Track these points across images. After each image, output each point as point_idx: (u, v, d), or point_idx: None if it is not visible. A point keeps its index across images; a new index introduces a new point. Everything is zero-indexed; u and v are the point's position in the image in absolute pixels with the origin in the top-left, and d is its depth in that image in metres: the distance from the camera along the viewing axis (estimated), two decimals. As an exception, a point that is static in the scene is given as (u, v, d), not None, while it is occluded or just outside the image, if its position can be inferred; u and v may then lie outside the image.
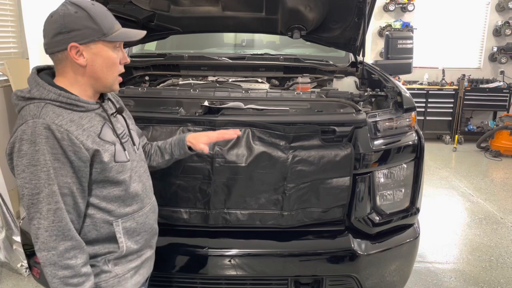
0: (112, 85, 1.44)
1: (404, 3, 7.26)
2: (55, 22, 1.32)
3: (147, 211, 1.55)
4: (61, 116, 1.29)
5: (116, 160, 1.40)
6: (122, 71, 1.46)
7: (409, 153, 2.18)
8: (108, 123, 1.43)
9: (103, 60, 1.37)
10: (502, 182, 5.43)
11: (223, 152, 1.94)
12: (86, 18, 1.32)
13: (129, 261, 1.50)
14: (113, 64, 1.40)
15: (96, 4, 1.38)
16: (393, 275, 2.21)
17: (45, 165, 1.25)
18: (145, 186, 1.55)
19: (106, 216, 1.42)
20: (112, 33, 1.36)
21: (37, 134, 1.25)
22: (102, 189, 1.40)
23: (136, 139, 1.58)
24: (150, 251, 1.62)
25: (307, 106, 2.27)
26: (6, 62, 3.86)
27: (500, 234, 3.95)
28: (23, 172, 1.26)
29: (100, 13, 1.36)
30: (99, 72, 1.38)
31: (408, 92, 2.28)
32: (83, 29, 1.32)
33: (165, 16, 2.79)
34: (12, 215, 3.29)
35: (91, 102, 1.39)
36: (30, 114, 1.29)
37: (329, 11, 2.75)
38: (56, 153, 1.27)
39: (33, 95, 1.32)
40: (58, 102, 1.31)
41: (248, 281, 2.12)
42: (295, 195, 1.99)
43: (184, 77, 2.88)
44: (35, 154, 1.25)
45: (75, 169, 1.30)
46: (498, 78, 7.48)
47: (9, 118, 3.96)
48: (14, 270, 3.13)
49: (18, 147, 1.27)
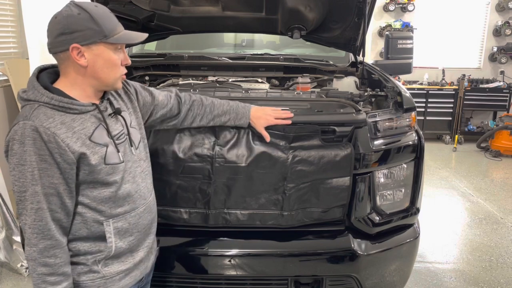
0: (113, 84, 1.46)
1: (404, 3, 7.26)
2: (58, 23, 1.34)
3: (141, 211, 1.55)
4: (52, 119, 1.32)
5: (106, 162, 1.40)
6: (124, 72, 1.47)
7: (409, 153, 2.18)
8: (103, 124, 1.43)
9: (104, 62, 1.39)
10: (502, 182, 5.43)
11: (223, 152, 1.94)
12: (88, 19, 1.34)
13: (121, 262, 1.50)
14: (114, 65, 1.42)
15: (99, 6, 1.40)
16: (393, 275, 2.21)
17: (30, 166, 1.29)
18: (139, 186, 1.54)
19: (97, 216, 1.43)
20: (113, 35, 1.38)
21: (25, 135, 1.29)
22: (92, 189, 1.41)
23: (136, 138, 1.57)
24: (145, 252, 1.60)
25: (307, 106, 2.27)
26: (6, 62, 3.86)
27: (500, 234, 3.95)
28: (13, 170, 1.32)
29: (103, 15, 1.37)
30: (100, 73, 1.39)
31: (408, 92, 2.28)
32: (85, 30, 1.33)
33: (165, 16, 2.79)
34: (12, 215, 3.28)
35: (86, 104, 1.40)
36: (23, 115, 1.33)
37: (329, 11, 2.74)
38: (43, 154, 1.30)
39: (29, 97, 1.36)
40: (51, 105, 1.34)
41: (248, 281, 2.12)
42: (295, 195, 1.99)
43: (184, 77, 2.87)
44: (23, 154, 1.29)
45: (61, 170, 1.33)
46: (498, 78, 7.48)
47: (9, 118, 3.95)
48: (14, 270, 3.13)
49: (10, 146, 1.32)
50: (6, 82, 3.88)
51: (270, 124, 1.93)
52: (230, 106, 1.92)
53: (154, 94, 1.76)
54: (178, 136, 1.94)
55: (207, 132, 1.95)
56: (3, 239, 3.16)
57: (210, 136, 1.95)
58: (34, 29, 3.81)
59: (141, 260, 1.58)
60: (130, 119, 1.57)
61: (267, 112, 1.95)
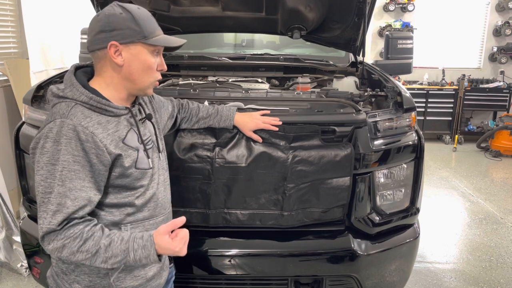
0: (146, 89, 1.44)
1: (404, 3, 7.26)
2: (99, 21, 1.35)
3: (159, 221, 1.51)
4: (89, 118, 1.31)
5: (137, 166, 1.40)
6: (159, 78, 1.46)
7: (409, 153, 2.18)
8: (134, 128, 1.43)
9: (140, 63, 1.38)
10: (502, 182, 5.43)
11: (223, 152, 1.94)
12: (129, 19, 1.34)
13: (133, 277, 1.45)
14: (149, 68, 1.40)
15: (141, 8, 1.39)
16: (393, 275, 2.21)
17: (61, 165, 1.26)
18: (160, 195, 1.52)
19: (116, 219, 1.40)
20: (152, 37, 1.37)
21: (62, 134, 1.26)
22: (117, 193, 1.39)
23: (162, 145, 1.57)
24: (158, 268, 1.54)
25: (307, 106, 2.27)
26: (6, 62, 3.86)
27: (500, 234, 3.95)
28: (41, 169, 1.27)
29: (144, 17, 1.37)
30: (135, 74, 1.38)
31: (408, 92, 2.28)
32: (125, 29, 1.34)
33: (165, 16, 2.79)
34: (12, 215, 3.29)
35: (120, 108, 1.39)
36: (59, 113, 1.30)
37: (329, 11, 2.74)
38: (77, 155, 1.27)
39: (66, 94, 1.34)
40: (88, 105, 1.33)
41: (248, 281, 2.12)
42: (295, 195, 1.99)
43: (184, 77, 2.87)
44: (56, 153, 1.26)
45: (94, 172, 1.30)
46: (498, 78, 7.48)
47: (9, 118, 3.95)
48: (14, 270, 3.13)
49: (42, 144, 1.28)
50: (6, 82, 3.88)
51: (259, 128, 1.93)
52: (215, 109, 1.94)
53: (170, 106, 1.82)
54: (178, 136, 1.94)
55: (207, 133, 1.95)
56: (3, 239, 3.16)
57: (210, 136, 1.95)
58: (34, 29, 3.81)
59: (153, 276, 1.52)
60: (156, 127, 1.58)
61: (255, 116, 1.96)
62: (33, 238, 2.20)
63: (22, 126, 2.25)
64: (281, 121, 1.97)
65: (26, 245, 2.30)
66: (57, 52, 4.18)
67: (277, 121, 1.96)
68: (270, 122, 1.95)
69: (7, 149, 3.78)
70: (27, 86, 3.60)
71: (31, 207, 2.27)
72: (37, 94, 2.22)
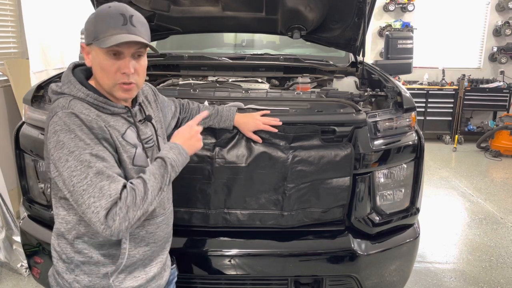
0: (111, 91, 1.37)
1: (404, 3, 7.26)
2: None
3: (159, 221, 1.51)
4: (88, 110, 1.32)
5: (134, 163, 1.39)
6: (122, 81, 1.35)
7: (409, 153, 2.18)
8: (132, 127, 1.43)
9: (97, 64, 1.36)
10: (502, 182, 5.43)
11: (223, 152, 1.94)
12: (92, 20, 1.35)
13: (133, 278, 1.44)
14: (104, 70, 1.33)
15: (112, 6, 1.34)
16: (393, 275, 2.21)
17: (83, 149, 1.24)
18: None
19: None
20: (103, 37, 1.29)
21: (69, 123, 1.26)
22: None
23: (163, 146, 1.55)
24: (159, 268, 1.54)
25: (307, 106, 2.27)
26: (6, 62, 3.86)
27: (500, 234, 3.95)
28: (67, 161, 1.23)
29: (103, 16, 1.33)
30: (97, 75, 1.39)
31: (408, 92, 2.28)
32: (88, 31, 1.36)
33: (165, 16, 2.79)
34: (12, 215, 3.29)
35: (119, 106, 1.39)
36: (59, 106, 1.32)
37: (329, 11, 2.74)
38: (92, 138, 1.27)
39: (64, 91, 1.35)
40: (86, 101, 1.34)
41: (248, 281, 2.12)
42: (295, 195, 1.99)
43: (184, 77, 2.87)
44: (71, 141, 1.24)
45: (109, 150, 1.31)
46: (498, 78, 7.48)
47: (9, 118, 3.95)
48: (14, 270, 3.13)
49: (56, 140, 1.26)
50: (6, 82, 3.88)
51: (258, 128, 1.93)
52: (215, 109, 1.93)
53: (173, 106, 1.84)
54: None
55: (207, 133, 1.95)
56: (3, 239, 3.16)
57: (210, 136, 1.95)
58: (34, 29, 3.81)
59: (154, 276, 1.51)
60: (157, 127, 1.58)
61: (255, 117, 1.96)
62: (33, 238, 2.19)
63: (22, 126, 2.25)
64: (281, 121, 1.97)
65: (26, 245, 2.30)
66: (57, 52, 4.18)
67: (277, 122, 1.95)
68: (270, 122, 1.94)
69: (7, 149, 3.78)
70: (27, 86, 3.60)
71: (31, 207, 2.27)
72: (37, 94, 2.22)
